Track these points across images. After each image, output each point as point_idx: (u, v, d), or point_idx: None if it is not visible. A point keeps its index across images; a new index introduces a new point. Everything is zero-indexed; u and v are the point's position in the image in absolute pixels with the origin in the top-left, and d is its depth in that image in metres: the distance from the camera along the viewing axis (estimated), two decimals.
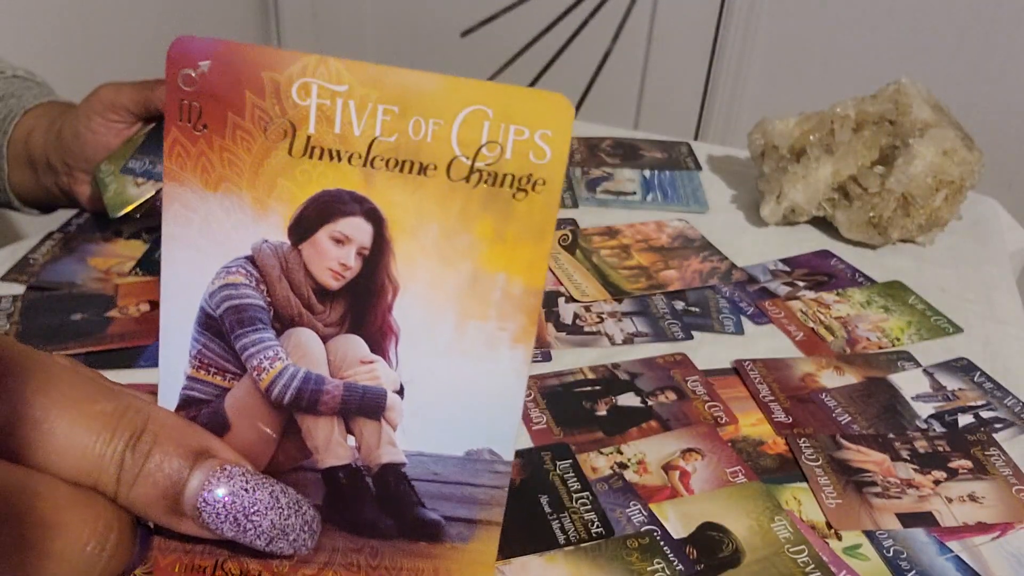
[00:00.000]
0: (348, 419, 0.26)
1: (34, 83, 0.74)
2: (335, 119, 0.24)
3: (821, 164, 0.71)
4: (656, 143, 0.88)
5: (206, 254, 0.25)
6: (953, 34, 1.38)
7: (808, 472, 0.47)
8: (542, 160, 0.24)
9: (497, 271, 0.25)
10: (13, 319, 0.57)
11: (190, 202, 0.25)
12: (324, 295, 0.26)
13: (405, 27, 1.81)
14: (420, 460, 0.27)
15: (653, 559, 0.41)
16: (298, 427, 0.26)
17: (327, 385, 0.26)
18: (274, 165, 0.25)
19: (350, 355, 0.26)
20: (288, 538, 0.24)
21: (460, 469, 0.27)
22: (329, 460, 0.26)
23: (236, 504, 0.23)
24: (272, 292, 0.26)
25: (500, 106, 0.24)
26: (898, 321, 0.61)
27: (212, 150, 0.24)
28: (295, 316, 0.26)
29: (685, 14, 1.54)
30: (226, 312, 0.26)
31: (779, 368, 0.55)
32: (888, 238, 0.70)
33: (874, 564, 0.41)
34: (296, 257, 0.26)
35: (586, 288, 0.63)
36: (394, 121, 0.24)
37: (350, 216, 0.25)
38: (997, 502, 0.45)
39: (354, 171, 0.25)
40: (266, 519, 0.23)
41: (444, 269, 0.25)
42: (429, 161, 0.24)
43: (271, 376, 0.26)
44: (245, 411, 0.26)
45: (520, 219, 0.25)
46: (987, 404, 0.53)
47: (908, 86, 0.71)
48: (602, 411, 0.51)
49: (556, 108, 0.24)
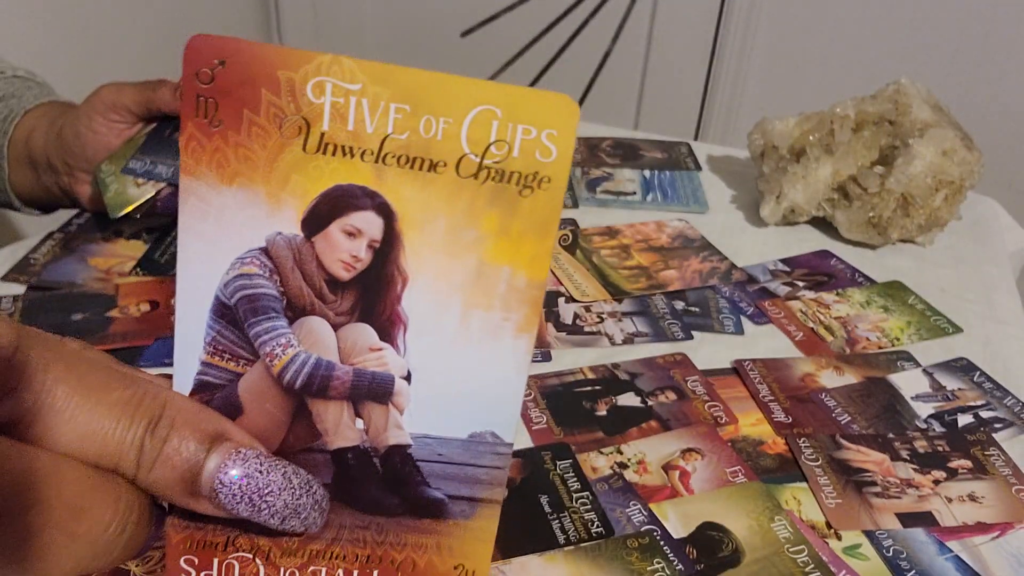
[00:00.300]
0: (357, 403, 0.27)
1: (35, 83, 0.74)
2: (348, 116, 0.25)
3: (821, 164, 0.71)
4: (656, 143, 0.88)
5: (221, 245, 0.26)
6: (953, 34, 1.38)
7: (808, 472, 0.47)
8: (548, 159, 0.25)
9: (502, 264, 0.26)
10: (13, 319, 0.57)
11: (206, 196, 0.25)
12: (335, 285, 0.27)
13: (405, 27, 1.81)
14: (425, 442, 0.28)
15: (653, 559, 0.41)
16: (309, 411, 0.27)
17: (337, 371, 0.27)
18: (288, 161, 0.25)
19: (360, 342, 0.27)
20: (300, 516, 0.25)
21: (463, 451, 0.28)
22: (338, 442, 0.27)
23: (251, 485, 0.24)
24: (285, 282, 0.27)
25: (509, 106, 0.24)
26: (898, 321, 0.61)
27: (228, 145, 0.25)
28: (307, 305, 0.27)
29: (685, 14, 1.54)
30: (240, 301, 0.27)
31: (779, 368, 0.55)
32: (888, 238, 0.70)
33: (874, 564, 0.42)
34: (309, 249, 0.27)
35: (586, 288, 0.63)
36: (406, 119, 0.25)
37: (362, 210, 0.26)
38: (997, 502, 0.45)
39: (366, 167, 0.25)
40: (279, 499, 0.24)
41: (451, 261, 0.26)
42: (439, 158, 0.25)
43: (283, 362, 0.27)
44: (258, 395, 0.27)
45: (525, 215, 0.25)
46: (987, 404, 0.53)
47: (908, 86, 0.71)
48: (602, 411, 0.51)
49: (562, 109, 0.24)
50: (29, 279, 0.62)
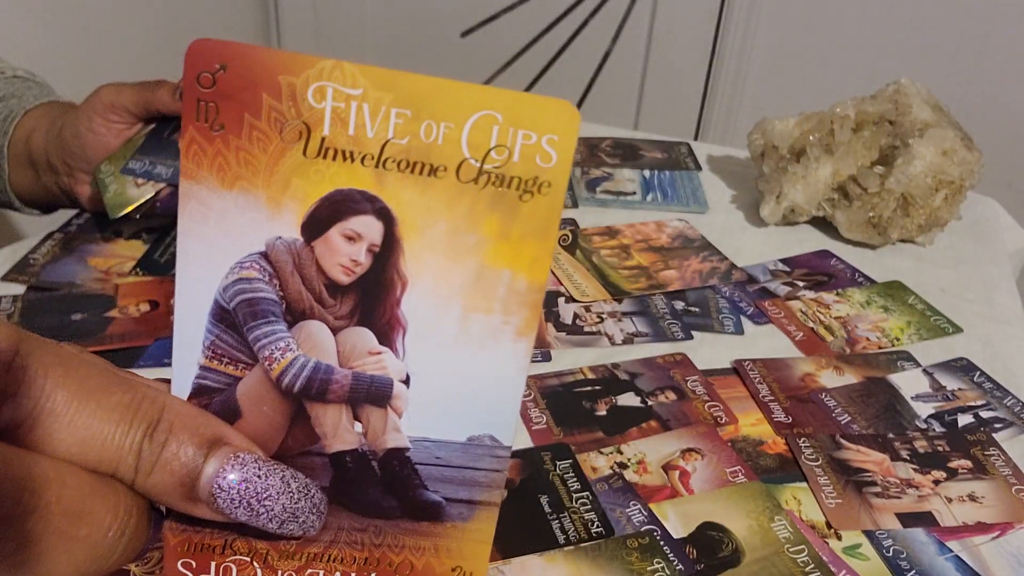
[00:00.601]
0: (355, 407, 0.27)
1: (35, 83, 0.74)
2: (349, 121, 0.25)
3: (821, 164, 0.71)
4: (656, 143, 0.88)
5: (221, 249, 0.26)
6: (953, 34, 1.38)
7: (808, 472, 0.47)
8: (548, 164, 0.25)
9: (502, 268, 0.26)
10: (13, 319, 0.57)
11: (206, 199, 0.26)
12: (335, 289, 0.27)
13: (405, 27, 1.81)
14: (424, 445, 0.28)
15: (653, 559, 0.41)
16: (307, 414, 0.27)
17: (336, 375, 0.27)
18: (289, 165, 0.25)
19: (359, 346, 0.27)
20: (298, 520, 0.25)
21: (462, 454, 0.28)
22: (337, 445, 0.28)
23: (249, 490, 0.24)
24: (284, 286, 0.27)
25: (509, 111, 0.25)
26: (898, 321, 0.61)
27: (229, 150, 0.25)
28: (307, 309, 0.27)
29: (685, 14, 1.54)
30: (239, 305, 0.27)
31: (779, 368, 0.55)
32: (888, 238, 0.70)
33: (874, 564, 0.42)
34: (308, 253, 0.27)
35: (586, 288, 0.63)
36: (406, 124, 0.25)
37: (362, 215, 0.26)
38: (997, 502, 0.45)
39: (366, 171, 0.25)
40: (278, 503, 0.25)
41: (451, 265, 0.26)
42: (439, 163, 0.25)
43: (282, 366, 0.27)
44: (256, 399, 0.27)
45: (525, 219, 0.26)
46: (987, 404, 0.53)
47: (908, 86, 0.71)
48: (602, 411, 0.51)
49: (563, 114, 0.24)
50: (29, 279, 0.62)
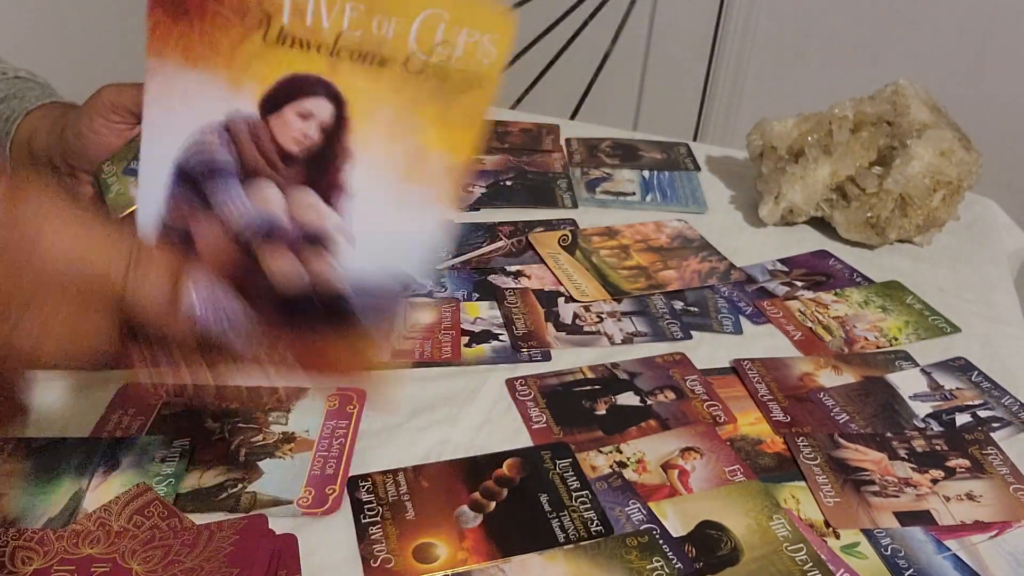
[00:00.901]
0: (300, 251, 0.32)
1: (36, 84, 0.74)
2: (307, 13, 0.28)
3: (819, 165, 0.72)
4: (655, 144, 0.88)
5: (184, 118, 0.30)
6: (952, 34, 1.38)
7: (806, 471, 0.47)
8: (487, 61, 0.29)
9: (436, 148, 0.31)
10: None
11: (171, 75, 0.29)
12: (287, 159, 0.32)
13: None
14: (356, 279, 0.33)
15: (652, 557, 0.41)
16: (258, 258, 0.32)
17: (283, 223, 0.32)
18: (249, 49, 0.29)
19: (304, 200, 0.32)
20: (246, 337, 0.31)
21: (385, 286, 0.33)
22: (283, 284, 0.33)
23: (215, 306, 0.30)
24: (241, 152, 0.31)
25: (455, 10, 0.28)
26: (896, 321, 0.62)
27: (193, 31, 0.28)
28: (260, 171, 0.32)
29: (685, 15, 1.54)
30: (198, 164, 0.31)
31: (777, 367, 0.56)
32: (886, 238, 0.71)
33: (872, 562, 0.42)
34: (264, 126, 0.31)
35: (586, 288, 0.63)
36: (360, 17, 0.28)
37: (315, 96, 0.30)
38: (994, 501, 0.45)
39: (321, 59, 0.29)
40: (236, 319, 0.30)
41: (392, 144, 0.31)
42: (389, 55, 0.29)
43: (235, 216, 0.32)
44: (213, 244, 0.32)
45: (461, 109, 0.30)
46: (985, 403, 0.53)
47: (906, 87, 0.72)
48: (601, 410, 0.51)
49: (503, 17, 0.28)
50: None
